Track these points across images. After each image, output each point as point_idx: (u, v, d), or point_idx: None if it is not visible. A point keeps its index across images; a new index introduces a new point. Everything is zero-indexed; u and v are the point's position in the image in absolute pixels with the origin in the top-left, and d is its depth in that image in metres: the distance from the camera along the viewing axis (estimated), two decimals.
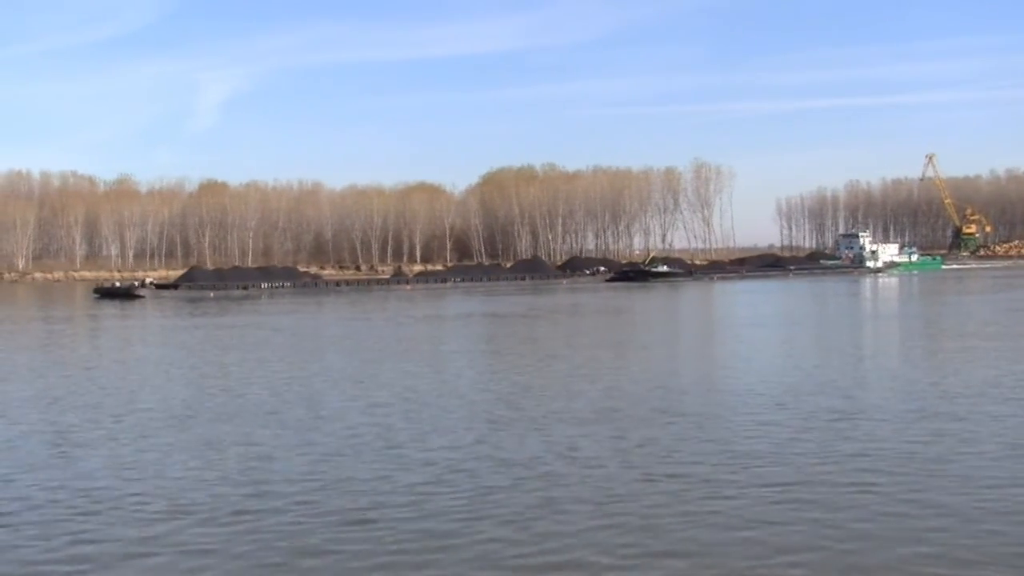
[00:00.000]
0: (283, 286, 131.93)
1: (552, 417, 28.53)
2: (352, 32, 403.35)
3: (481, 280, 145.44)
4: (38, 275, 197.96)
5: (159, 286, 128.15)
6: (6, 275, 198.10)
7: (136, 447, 25.24)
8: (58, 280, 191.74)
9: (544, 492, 19.98)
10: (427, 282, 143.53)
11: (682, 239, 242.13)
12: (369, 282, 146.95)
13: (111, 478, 21.91)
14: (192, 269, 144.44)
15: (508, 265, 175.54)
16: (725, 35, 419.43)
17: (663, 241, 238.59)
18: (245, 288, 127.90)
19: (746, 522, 17.73)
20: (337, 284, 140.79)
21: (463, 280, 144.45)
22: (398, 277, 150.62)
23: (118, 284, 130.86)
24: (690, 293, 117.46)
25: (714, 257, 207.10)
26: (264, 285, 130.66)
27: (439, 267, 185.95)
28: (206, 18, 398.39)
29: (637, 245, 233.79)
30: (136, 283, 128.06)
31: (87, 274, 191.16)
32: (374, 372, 40.48)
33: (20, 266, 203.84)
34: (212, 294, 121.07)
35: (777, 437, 25.11)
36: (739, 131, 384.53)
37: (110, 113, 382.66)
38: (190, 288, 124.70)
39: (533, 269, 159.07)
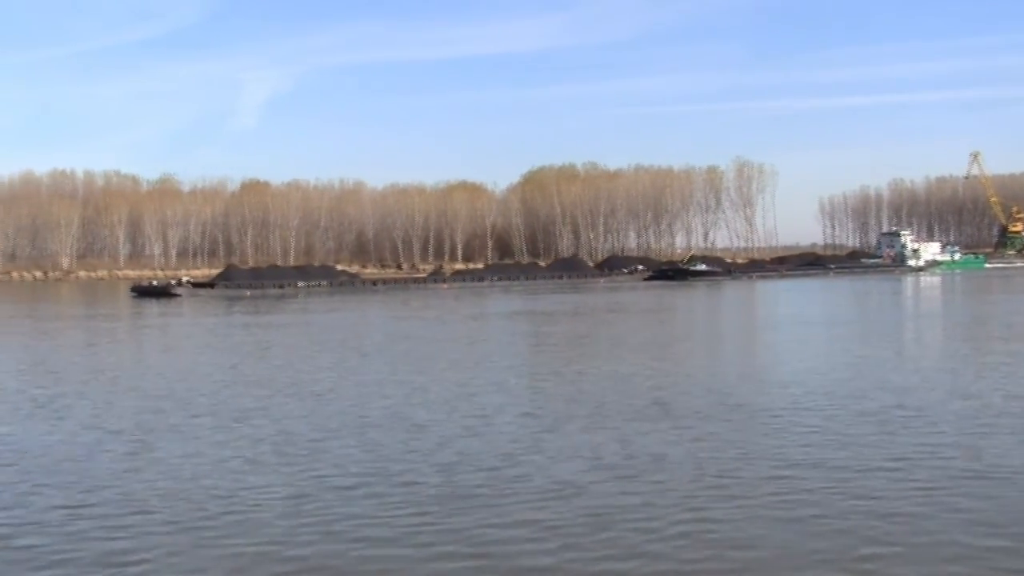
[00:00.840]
0: (319, 285, 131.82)
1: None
2: (393, 31, 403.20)
3: (518, 279, 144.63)
4: (82, 274, 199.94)
5: (195, 285, 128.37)
6: (50, 274, 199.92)
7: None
8: (101, 279, 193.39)
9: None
10: (464, 281, 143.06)
11: (724, 238, 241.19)
12: (406, 281, 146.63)
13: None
14: (229, 268, 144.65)
15: (546, 264, 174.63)
16: (767, 31, 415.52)
17: (705, 240, 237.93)
18: (281, 287, 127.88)
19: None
20: (374, 283, 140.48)
21: (500, 279, 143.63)
22: (435, 276, 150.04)
23: (155, 283, 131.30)
24: (731, 292, 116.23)
25: (756, 256, 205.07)
26: (300, 284, 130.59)
27: (478, 266, 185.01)
28: (248, 18, 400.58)
29: (679, 244, 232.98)
30: (173, 282, 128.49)
31: (130, 273, 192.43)
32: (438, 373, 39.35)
33: (64, 265, 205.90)
34: (248, 293, 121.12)
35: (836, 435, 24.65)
36: (782, 129, 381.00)
37: (153, 113, 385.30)
38: (227, 287, 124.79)
39: (571, 268, 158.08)
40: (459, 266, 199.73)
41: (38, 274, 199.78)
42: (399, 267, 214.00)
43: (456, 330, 63.49)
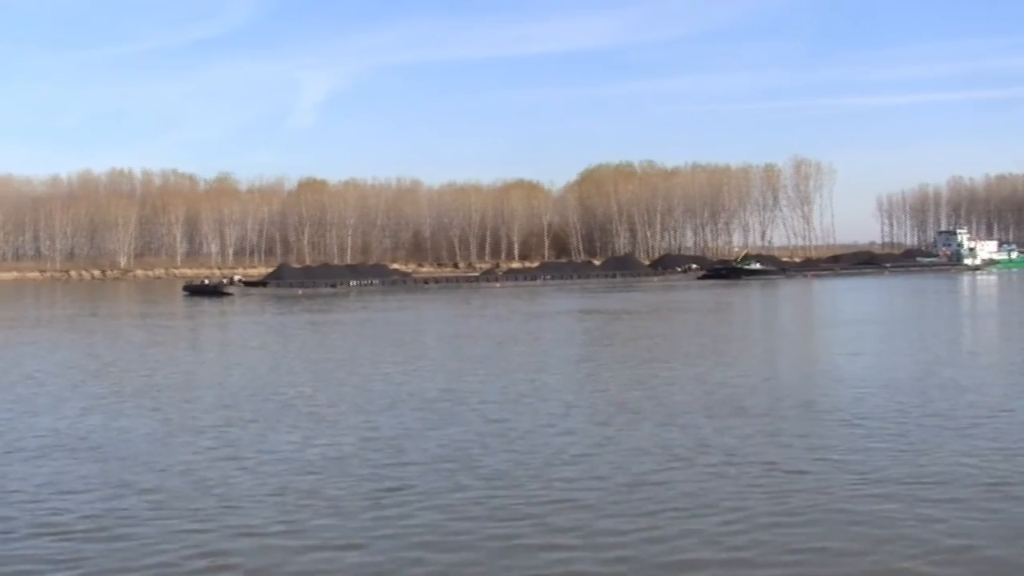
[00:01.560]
0: (371, 284, 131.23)
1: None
2: (450, 30, 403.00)
3: (571, 278, 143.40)
4: (139, 272, 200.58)
5: (247, 284, 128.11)
6: (108, 272, 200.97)
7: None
8: (159, 277, 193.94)
9: None
10: (517, 280, 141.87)
11: (782, 236, 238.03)
12: (458, 280, 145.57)
13: None
14: (281, 267, 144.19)
15: (599, 262, 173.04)
16: (825, 29, 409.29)
17: (762, 238, 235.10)
18: (333, 286, 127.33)
19: None
20: (425, 282, 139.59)
21: (553, 278, 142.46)
22: (487, 275, 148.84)
23: (207, 282, 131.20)
24: (788, 290, 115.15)
25: (814, 255, 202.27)
26: (352, 283, 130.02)
27: (532, 265, 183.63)
28: (305, 17, 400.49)
29: (736, 242, 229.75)
30: (225, 281, 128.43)
31: (187, 271, 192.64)
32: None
33: (122, 264, 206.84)
34: (300, 292, 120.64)
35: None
36: (840, 127, 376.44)
37: (210, 112, 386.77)
38: (278, 286, 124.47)
39: (624, 266, 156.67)
40: (515, 265, 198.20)
41: (96, 273, 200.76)
42: (455, 266, 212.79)
43: (523, 329, 63.14)
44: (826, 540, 16.46)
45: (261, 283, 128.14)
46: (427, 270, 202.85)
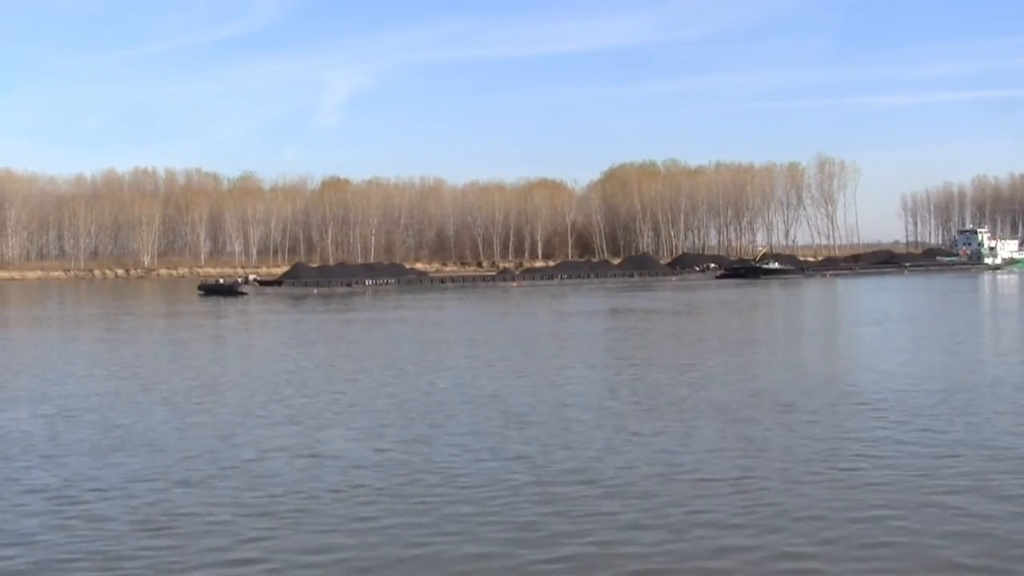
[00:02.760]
0: (387, 283, 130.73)
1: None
2: (475, 29, 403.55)
3: (588, 277, 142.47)
4: (163, 271, 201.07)
5: (262, 283, 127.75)
6: (132, 271, 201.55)
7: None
8: (182, 276, 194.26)
9: None
10: (534, 279, 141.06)
11: (805, 235, 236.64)
12: (475, 279, 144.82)
13: None
14: (296, 266, 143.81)
15: (617, 262, 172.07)
16: (849, 28, 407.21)
17: (786, 237, 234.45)
18: (349, 285, 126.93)
19: None
20: (442, 281, 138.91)
21: (570, 277, 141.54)
22: (504, 274, 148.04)
23: (222, 281, 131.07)
24: (810, 289, 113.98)
25: (838, 253, 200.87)
26: (368, 282, 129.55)
27: (548, 264, 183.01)
28: (330, 16, 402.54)
29: (760, 241, 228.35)
30: (239, 280, 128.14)
31: (211, 271, 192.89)
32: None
33: (146, 263, 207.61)
34: (315, 291, 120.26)
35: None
36: (864, 125, 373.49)
37: (235, 111, 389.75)
38: (293, 285, 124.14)
39: (642, 266, 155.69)
40: (539, 263, 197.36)
41: (120, 272, 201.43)
42: (479, 265, 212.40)
43: (555, 327, 62.89)
44: None
45: (276, 282, 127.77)
46: (451, 269, 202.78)
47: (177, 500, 19.13)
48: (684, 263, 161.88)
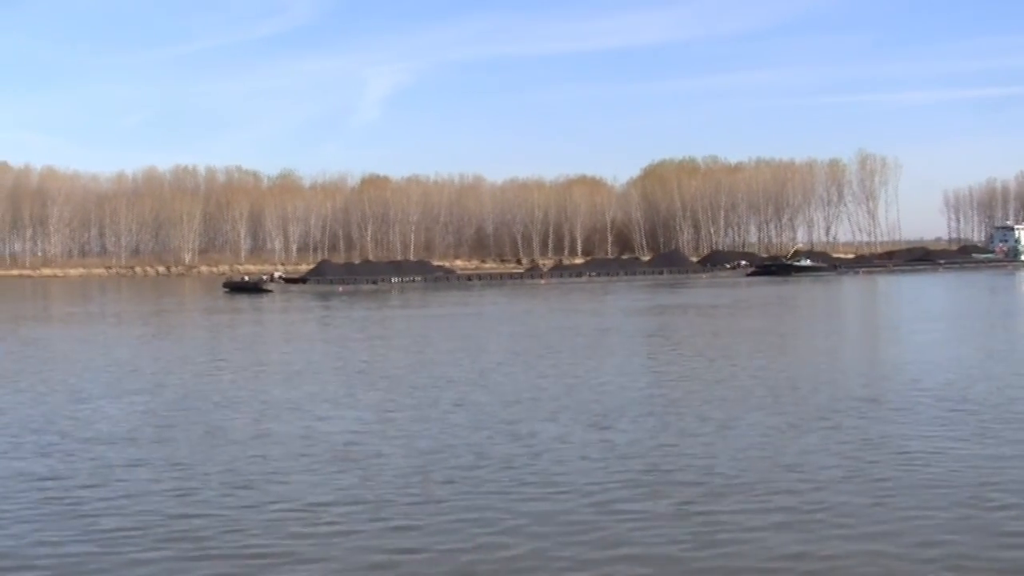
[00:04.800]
0: (413, 280, 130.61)
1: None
2: (514, 26, 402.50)
3: (618, 274, 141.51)
4: (204, 269, 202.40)
5: (287, 280, 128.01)
6: (173, 269, 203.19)
7: None
8: (223, 274, 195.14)
9: None
10: (562, 276, 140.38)
11: (846, 232, 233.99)
12: (502, 276, 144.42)
13: None
14: (322, 263, 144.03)
15: (646, 259, 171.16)
16: (891, 22, 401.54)
17: (827, 234, 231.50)
18: (375, 283, 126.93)
19: None
20: (468, 279, 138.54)
21: (599, 274, 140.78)
22: (532, 272, 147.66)
23: (247, 278, 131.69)
24: (847, 287, 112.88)
25: (880, 250, 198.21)
26: (395, 279, 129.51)
27: (578, 261, 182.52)
28: (369, 14, 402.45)
29: (801, 238, 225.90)
30: (264, 277, 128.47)
31: (251, 268, 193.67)
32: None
33: (186, 260, 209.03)
34: (341, 289, 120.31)
35: None
36: (906, 121, 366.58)
37: (274, 109, 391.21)
38: (319, 282, 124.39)
39: (672, 263, 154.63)
40: (579, 260, 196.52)
41: (161, 269, 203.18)
42: (519, 262, 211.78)
43: (606, 324, 62.66)
44: None
45: (301, 280, 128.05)
46: (490, 266, 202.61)
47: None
48: (714, 260, 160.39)
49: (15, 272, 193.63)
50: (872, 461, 21.02)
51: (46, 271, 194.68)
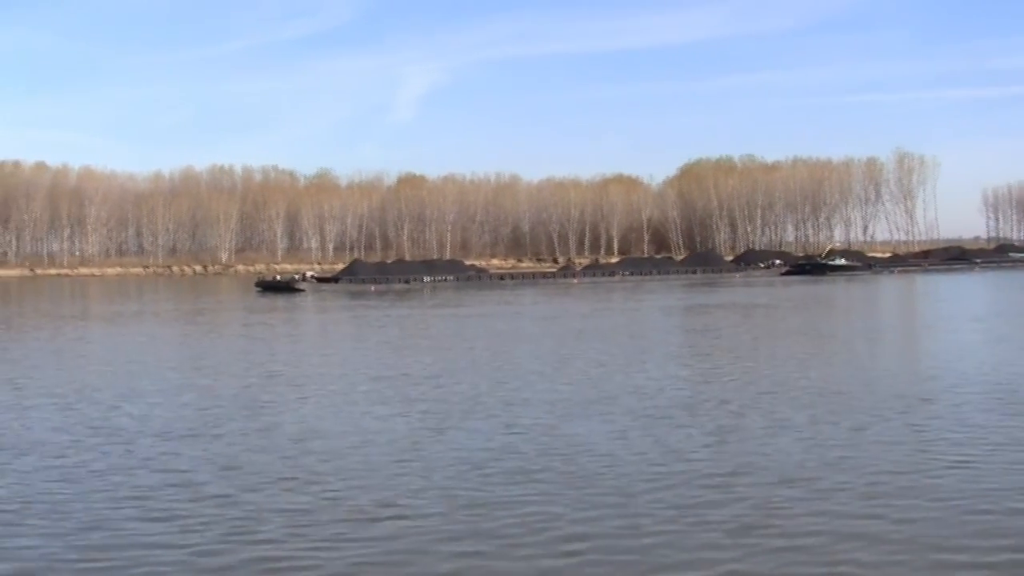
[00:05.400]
0: (445, 280, 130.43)
1: None
2: (551, 24, 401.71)
3: (650, 273, 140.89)
4: (240, 268, 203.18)
5: (319, 279, 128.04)
6: (210, 268, 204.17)
7: None
8: (259, 273, 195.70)
9: None
10: (594, 275, 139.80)
11: (884, 231, 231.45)
12: (534, 275, 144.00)
13: None
14: (354, 262, 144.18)
15: (679, 259, 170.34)
16: (929, 19, 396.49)
17: (864, 233, 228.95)
18: (407, 282, 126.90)
19: None
20: (501, 278, 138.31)
21: (631, 273, 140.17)
22: (564, 271, 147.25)
23: (278, 278, 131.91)
24: (883, 287, 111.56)
25: (916, 249, 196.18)
26: (427, 279, 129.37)
27: (611, 260, 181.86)
28: (405, 13, 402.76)
29: (838, 237, 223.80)
30: (296, 276, 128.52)
31: (287, 267, 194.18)
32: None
33: (223, 259, 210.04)
34: (373, 288, 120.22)
35: None
36: (945, 119, 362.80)
37: (310, 108, 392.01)
38: (350, 281, 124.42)
39: (705, 262, 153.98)
40: (614, 260, 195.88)
41: (198, 268, 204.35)
42: (555, 261, 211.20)
43: (645, 322, 62.90)
44: None
45: (333, 279, 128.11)
46: (527, 265, 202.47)
47: None
48: (748, 259, 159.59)
49: (52, 271, 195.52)
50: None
51: (83, 270, 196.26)
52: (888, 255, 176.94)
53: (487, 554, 15.33)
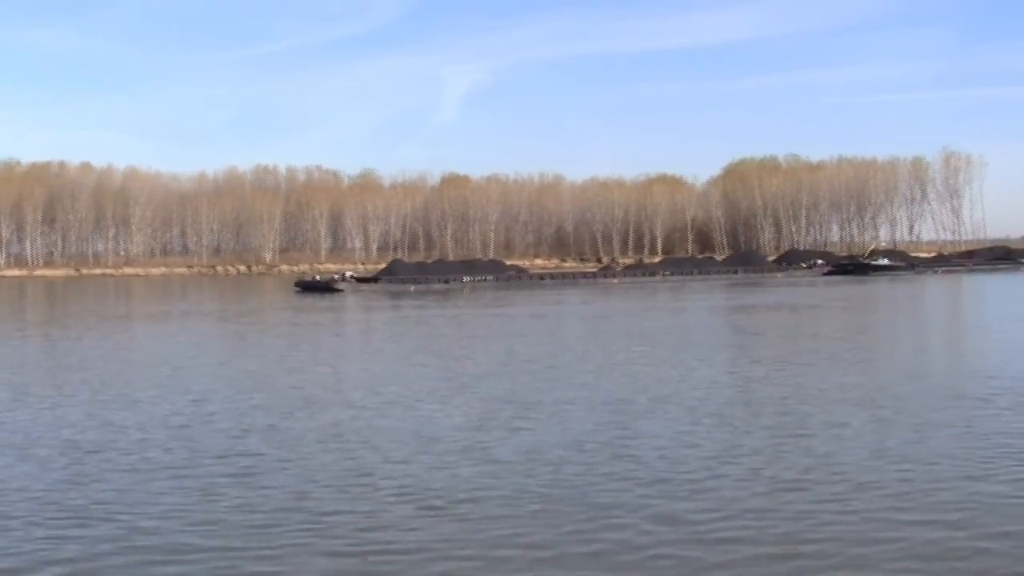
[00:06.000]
0: (485, 280, 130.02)
1: None
2: (594, 23, 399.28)
3: (692, 273, 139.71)
4: (284, 268, 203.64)
5: (359, 279, 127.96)
6: (254, 268, 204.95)
7: None
8: (303, 273, 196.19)
9: None
10: (635, 275, 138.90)
11: (930, 231, 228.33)
12: (574, 275, 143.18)
13: None
14: (393, 262, 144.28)
15: (720, 258, 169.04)
16: (978, 17, 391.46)
17: (910, 233, 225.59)
18: (447, 282, 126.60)
19: None
20: (541, 278, 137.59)
21: (672, 273, 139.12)
22: (605, 270, 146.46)
23: (318, 278, 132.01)
24: (928, 286, 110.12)
25: (963, 249, 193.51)
26: (466, 279, 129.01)
27: (653, 260, 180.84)
28: (448, 14, 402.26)
29: (884, 237, 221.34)
30: (336, 276, 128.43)
31: (331, 267, 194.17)
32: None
33: (267, 259, 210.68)
34: (412, 288, 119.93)
35: None
36: (991, 117, 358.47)
37: (354, 108, 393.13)
38: (390, 282, 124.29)
39: (746, 262, 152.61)
40: (658, 260, 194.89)
41: (241, 268, 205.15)
42: (599, 261, 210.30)
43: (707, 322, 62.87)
44: None
45: (372, 279, 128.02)
46: (570, 265, 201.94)
47: None
48: (790, 259, 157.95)
49: (97, 271, 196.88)
50: None
51: (128, 270, 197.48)
52: (932, 255, 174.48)
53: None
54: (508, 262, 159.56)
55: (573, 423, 25.40)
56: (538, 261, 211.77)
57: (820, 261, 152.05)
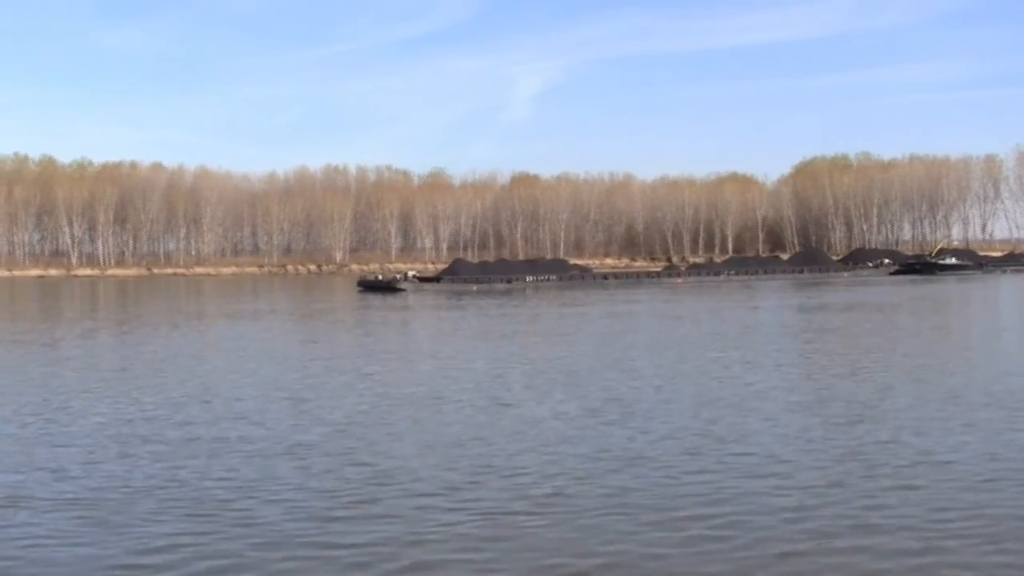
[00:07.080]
0: (548, 279, 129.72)
1: None
2: (664, 21, 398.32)
3: (756, 273, 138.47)
4: (354, 267, 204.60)
5: (421, 279, 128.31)
6: (324, 267, 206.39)
7: None
8: (373, 272, 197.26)
9: None
10: (700, 275, 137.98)
11: (1003, 230, 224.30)
12: (639, 275, 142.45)
13: None
14: (456, 262, 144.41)
15: (786, 257, 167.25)
16: None
17: (983, 232, 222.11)
18: (509, 281, 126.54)
19: None
20: (604, 277, 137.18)
21: (737, 273, 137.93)
22: (669, 270, 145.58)
23: (380, 277, 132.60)
24: (1002, 286, 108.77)
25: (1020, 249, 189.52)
26: (529, 278, 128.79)
27: (718, 259, 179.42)
28: (517, 12, 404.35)
29: (956, 235, 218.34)
30: (398, 276, 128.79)
31: (402, 266, 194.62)
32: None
33: (338, 258, 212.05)
34: (475, 288, 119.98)
35: None
36: None
37: (424, 108, 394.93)
38: (452, 281, 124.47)
39: (812, 261, 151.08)
40: (727, 257, 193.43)
41: (312, 267, 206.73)
42: (669, 260, 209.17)
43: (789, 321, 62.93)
44: None
45: (435, 279, 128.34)
46: (640, 265, 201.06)
47: None
48: (856, 259, 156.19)
49: (169, 271, 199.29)
50: None
51: (199, 270, 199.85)
52: (1003, 254, 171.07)
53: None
54: (573, 261, 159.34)
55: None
56: (608, 260, 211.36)
57: (887, 260, 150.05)
